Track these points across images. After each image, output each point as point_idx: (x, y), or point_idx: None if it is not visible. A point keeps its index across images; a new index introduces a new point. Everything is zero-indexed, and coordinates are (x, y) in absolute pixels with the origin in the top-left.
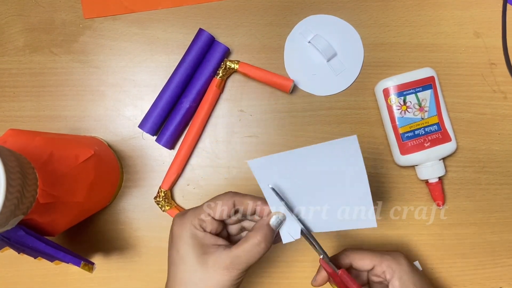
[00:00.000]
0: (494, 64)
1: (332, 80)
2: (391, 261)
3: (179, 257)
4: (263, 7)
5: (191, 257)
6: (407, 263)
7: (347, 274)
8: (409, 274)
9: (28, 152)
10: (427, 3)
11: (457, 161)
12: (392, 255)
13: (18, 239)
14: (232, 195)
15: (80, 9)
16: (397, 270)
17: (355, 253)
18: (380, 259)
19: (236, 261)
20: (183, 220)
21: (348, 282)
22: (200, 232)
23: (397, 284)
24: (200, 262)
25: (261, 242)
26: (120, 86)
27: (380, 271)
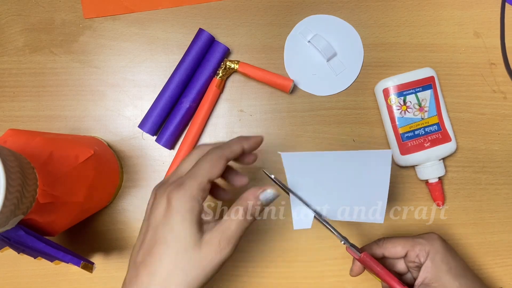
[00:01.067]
0: (494, 64)
1: (332, 80)
2: (424, 244)
3: (174, 235)
4: (263, 7)
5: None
6: (440, 243)
7: (369, 256)
8: (442, 254)
9: (28, 152)
10: (427, 3)
11: (457, 161)
12: (425, 237)
13: (18, 239)
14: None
15: (80, 9)
16: (431, 251)
17: (387, 241)
18: (412, 244)
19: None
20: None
21: (372, 264)
22: (199, 206)
23: (429, 265)
24: (195, 241)
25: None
26: (120, 86)
27: (414, 256)
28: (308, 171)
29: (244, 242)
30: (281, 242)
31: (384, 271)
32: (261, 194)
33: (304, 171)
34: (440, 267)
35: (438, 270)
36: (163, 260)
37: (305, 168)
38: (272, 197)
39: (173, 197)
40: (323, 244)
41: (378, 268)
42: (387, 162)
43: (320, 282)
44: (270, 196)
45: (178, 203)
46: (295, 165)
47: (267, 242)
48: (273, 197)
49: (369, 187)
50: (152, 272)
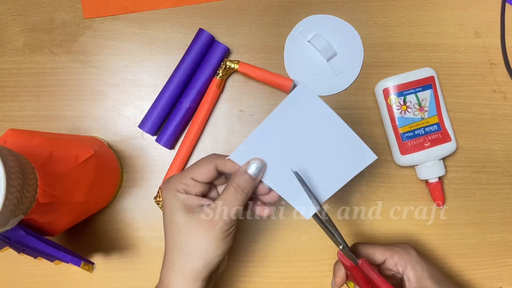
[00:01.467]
0: (494, 64)
1: (332, 80)
2: (402, 253)
3: (168, 219)
4: (263, 7)
5: (178, 217)
6: (416, 253)
7: (368, 263)
8: (421, 263)
9: (28, 152)
10: (427, 3)
11: (457, 161)
12: (402, 246)
13: (18, 239)
14: (214, 157)
15: (80, 9)
16: (409, 261)
17: (365, 247)
18: (391, 252)
19: (219, 212)
20: (167, 186)
21: (370, 271)
22: (184, 195)
23: (411, 275)
24: (186, 221)
25: (237, 189)
26: (120, 86)
27: (392, 264)
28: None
29: (244, 242)
30: (281, 242)
31: (381, 279)
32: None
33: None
34: (422, 275)
35: (421, 279)
36: (167, 239)
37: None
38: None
39: (162, 190)
40: (323, 244)
41: (376, 275)
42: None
43: (320, 282)
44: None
45: (164, 194)
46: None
47: (267, 242)
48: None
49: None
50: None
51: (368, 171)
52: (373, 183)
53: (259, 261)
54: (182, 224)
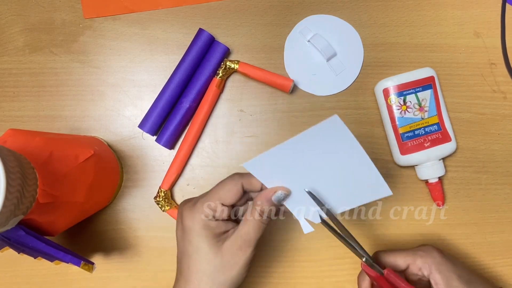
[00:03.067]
0: (494, 64)
1: (332, 80)
2: (424, 256)
3: (193, 248)
4: (263, 7)
5: (206, 247)
6: (440, 254)
7: (393, 273)
8: (446, 265)
9: (28, 152)
10: (427, 3)
11: (457, 161)
12: (424, 249)
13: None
14: (239, 177)
15: (80, 9)
16: (433, 264)
17: (387, 255)
18: (413, 257)
19: (247, 238)
20: (193, 212)
21: (397, 281)
22: (212, 222)
23: (438, 277)
24: (215, 251)
25: (263, 215)
26: (120, 86)
27: (416, 269)
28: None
29: None
30: (281, 242)
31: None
32: (273, 196)
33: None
34: (450, 277)
35: (450, 281)
36: (191, 269)
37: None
38: (283, 197)
39: (185, 217)
40: (323, 244)
41: (404, 284)
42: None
43: (320, 282)
44: (281, 196)
45: (189, 222)
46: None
47: (267, 242)
48: (284, 197)
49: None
50: (186, 280)
51: None
52: None
53: (259, 261)
54: (211, 254)
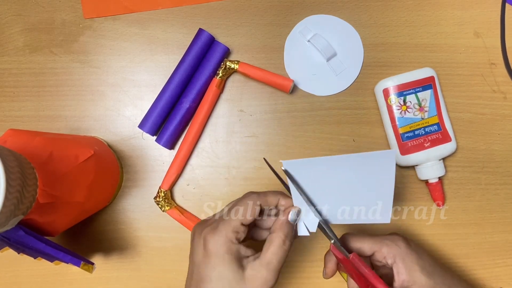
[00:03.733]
0: (494, 64)
1: (332, 80)
2: (390, 245)
3: (217, 274)
4: (263, 7)
5: (229, 273)
6: (406, 245)
7: (358, 258)
8: (411, 256)
9: (28, 152)
10: (427, 3)
11: (457, 161)
12: (391, 239)
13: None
14: (256, 197)
15: (80, 9)
16: (397, 254)
17: (354, 239)
18: (379, 245)
19: (271, 267)
20: (217, 235)
21: (360, 266)
22: (235, 246)
23: (401, 267)
24: (238, 278)
25: (285, 241)
26: (120, 86)
27: (381, 256)
28: (309, 177)
29: None
30: None
31: (372, 274)
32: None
33: (305, 178)
34: (413, 268)
35: (412, 271)
36: None
37: (306, 174)
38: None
39: (209, 240)
40: (323, 244)
41: (367, 270)
42: (391, 162)
43: (320, 282)
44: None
45: (214, 246)
46: (295, 172)
47: None
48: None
49: (373, 189)
50: None
51: None
52: None
53: None
54: (234, 281)
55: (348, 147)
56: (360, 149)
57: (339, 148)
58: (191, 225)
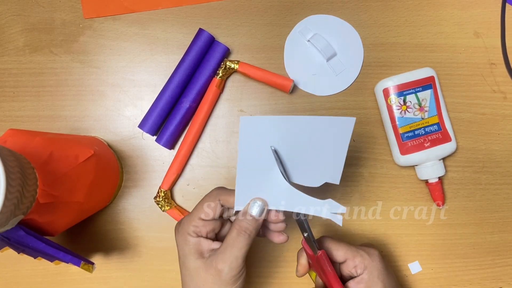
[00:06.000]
0: (494, 64)
1: (332, 80)
2: (365, 258)
3: (181, 263)
4: (263, 7)
5: (189, 262)
6: (380, 260)
7: (326, 256)
8: (380, 271)
9: (28, 152)
10: (427, 3)
11: (457, 161)
12: (366, 251)
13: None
14: (217, 193)
15: (80, 9)
16: (369, 266)
17: (331, 242)
18: (354, 254)
19: (226, 258)
20: (179, 230)
21: (325, 264)
22: (193, 239)
23: (365, 278)
24: (196, 267)
25: (240, 232)
26: (120, 86)
27: (351, 265)
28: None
29: None
30: None
31: (334, 275)
32: (248, 208)
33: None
34: (375, 282)
35: (372, 284)
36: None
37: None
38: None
39: (175, 234)
40: None
41: (330, 269)
42: (349, 129)
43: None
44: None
45: (178, 240)
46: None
47: (267, 242)
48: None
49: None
50: None
51: (368, 171)
52: (373, 183)
53: (259, 261)
54: (193, 270)
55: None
56: (360, 149)
57: None
58: None
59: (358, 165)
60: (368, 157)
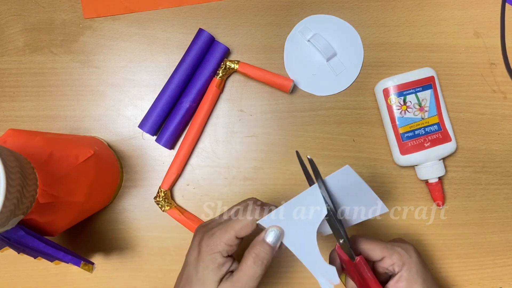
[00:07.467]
0: (494, 64)
1: (332, 80)
2: (402, 254)
3: (197, 278)
4: (263, 7)
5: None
6: (417, 255)
7: (365, 262)
8: (417, 267)
9: (28, 152)
10: (427, 3)
11: (457, 161)
12: (403, 247)
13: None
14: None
15: (80, 9)
16: (407, 262)
17: (365, 242)
18: (390, 251)
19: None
20: (210, 243)
21: (364, 270)
22: (222, 259)
23: (405, 275)
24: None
25: (256, 260)
26: (120, 86)
27: (389, 263)
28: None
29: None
30: None
31: (375, 280)
32: (265, 235)
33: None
34: (415, 279)
35: (412, 282)
36: None
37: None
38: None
39: (202, 246)
40: (323, 244)
41: (369, 274)
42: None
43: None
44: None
45: (205, 253)
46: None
47: None
48: (278, 234)
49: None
50: None
51: (368, 171)
52: (373, 183)
53: None
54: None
55: (348, 147)
56: (360, 149)
57: (339, 148)
58: (191, 225)
59: (358, 165)
60: (368, 157)
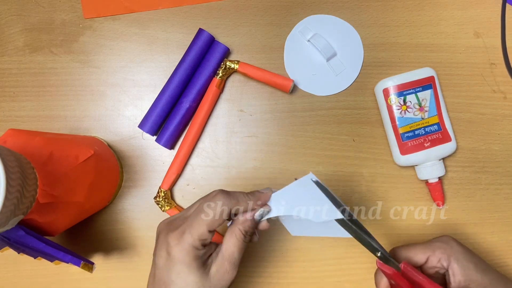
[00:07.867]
0: (494, 64)
1: (332, 80)
2: (444, 248)
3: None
4: (263, 7)
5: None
6: (457, 244)
7: (410, 266)
8: (464, 254)
9: (28, 152)
10: (427, 3)
11: (457, 161)
12: (441, 240)
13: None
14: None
15: (80, 9)
16: (451, 254)
17: (405, 250)
18: (431, 248)
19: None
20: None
21: (415, 275)
22: (201, 252)
23: (456, 267)
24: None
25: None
26: (120, 86)
27: (435, 261)
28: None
29: None
30: (281, 242)
31: (427, 280)
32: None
33: None
34: (467, 266)
35: (467, 270)
36: None
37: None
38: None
39: (173, 247)
40: (323, 244)
41: (421, 276)
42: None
43: (320, 282)
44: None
45: (180, 254)
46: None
47: (267, 242)
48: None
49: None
50: None
51: (368, 171)
52: (373, 183)
53: (259, 261)
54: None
55: (348, 147)
56: (360, 149)
57: (339, 148)
58: None
59: (358, 165)
60: (368, 157)
